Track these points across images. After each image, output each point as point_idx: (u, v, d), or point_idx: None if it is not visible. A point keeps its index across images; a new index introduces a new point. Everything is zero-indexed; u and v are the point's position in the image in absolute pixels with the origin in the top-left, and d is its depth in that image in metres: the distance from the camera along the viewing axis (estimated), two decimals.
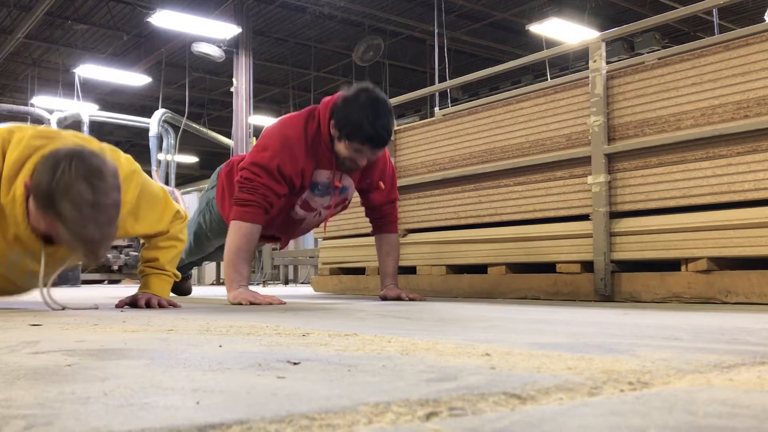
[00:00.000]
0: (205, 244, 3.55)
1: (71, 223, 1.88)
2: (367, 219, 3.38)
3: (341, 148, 2.82)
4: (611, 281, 2.94)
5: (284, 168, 2.83)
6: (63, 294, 4.56)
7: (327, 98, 2.93)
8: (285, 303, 2.73)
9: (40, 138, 2.07)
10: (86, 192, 1.87)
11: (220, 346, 1.10)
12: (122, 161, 2.30)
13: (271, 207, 2.86)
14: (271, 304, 2.65)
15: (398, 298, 3.14)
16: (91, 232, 1.90)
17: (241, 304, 2.65)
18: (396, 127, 4.14)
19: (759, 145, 2.56)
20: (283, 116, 3.07)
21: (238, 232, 2.79)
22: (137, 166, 2.38)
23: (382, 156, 3.12)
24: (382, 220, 3.29)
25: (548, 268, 3.22)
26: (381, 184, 3.19)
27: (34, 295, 2.48)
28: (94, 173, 1.91)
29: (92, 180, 1.90)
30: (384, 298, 3.19)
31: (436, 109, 6.94)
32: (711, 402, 0.61)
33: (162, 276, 2.51)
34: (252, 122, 11.66)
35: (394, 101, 4.22)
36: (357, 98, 2.77)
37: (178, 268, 3.72)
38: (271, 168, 2.81)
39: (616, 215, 3.00)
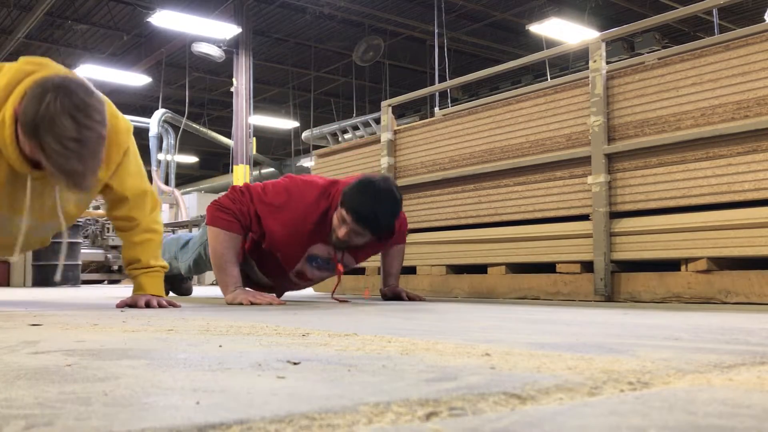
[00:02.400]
0: (204, 268, 3.54)
1: (54, 156, 1.91)
2: None
3: (334, 216, 2.77)
4: (611, 281, 2.95)
5: (266, 220, 2.78)
6: (63, 294, 4.56)
7: (348, 179, 2.87)
8: (285, 303, 2.73)
9: (31, 64, 2.10)
10: (70, 126, 1.90)
11: (220, 346, 1.10)
12: (120, 119, 2.35)
13: (244, 228, 2.81)
14: (270, 304, 2.65)
15: (398, 297, 3.14)
16: (73, 164, 1.93)
17: (241, 304, 2.64)
18: (396, 127, 4.15)
19: (759, 145, 2.56)
20: (307, 177, 2.97)
21: (216, 239, 2.79)
22: (131, 135, 2.43)
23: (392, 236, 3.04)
24: (391, 248, 3.27)
25: (548, 268, 3.22)
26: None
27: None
28: (80, 107, 1.94)
29: (77, 115, 1.92)
30: (384, 296, 3.19)
31: (436, 109, 6.94)
32: (711, 402, 0.61)
33: (150, 273, 2.49)
34: (252, 122, 11.67)
35: (394, 101, 4.22)
36: (371, 181, 2.73)
37: (178, 275, 3.72)
38: (260, 209, 2.78)
39: (616, 215, 3.00)
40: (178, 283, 3.94)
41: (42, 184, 2.22)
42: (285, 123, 17.12)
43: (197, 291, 5.09)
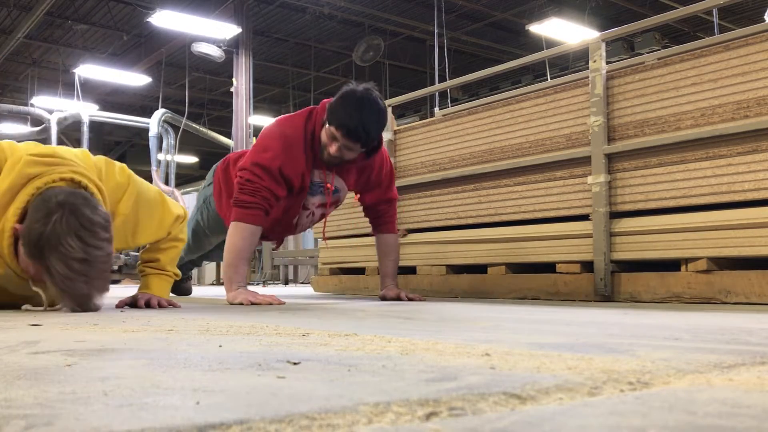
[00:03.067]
0: (203, 241, 3.55)
1: (60, 278, 1.84)
2: (367, 219, 3.38)
3: (322, 133, 2.83)
4: (611, 281, 2.94)
5: (285, 169, 2.83)
6: None
7: (326, 99, 2.94)
8: (284, 303, 2.73)
9: (35, 165, 2.02)
10: (76, 246, 1.84)
11: (220, 346, 1.10)
12: (116, 171, 2.28)
13: (271, 208, 2.87)
14: (271, 304, 2.65)
15: (397, 298, 3.14)
16: (79, 287, 1.87)
17: (242, 304, 2.65)
18: (396, 127, 4.14)
19: (759, 145, 2.56)
20: (282, 116, 3.07)
21: (239, 234, 2.79)
22: (131, 175, 2.35)
23: (379, 156, 3.11)
24: (379, 219, 3.29)
25: (548, 268, 3.22)
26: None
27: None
28: (86, 226, 1.88)
29: (83, 234, 1.86)
30: (383, 299, 3.19)
31: (436, 109, 6.94)
32: (711, 402, 0.61)
33: (162, 276, 2.51)
34: (252, 122, 11.66)
35: (394, 101, 4.22)
36: (353, 91, 2.79)
37: (178, 268, 3.72)
38: (273, 169, 2.81)
39: (616, 215, 3.00)
40: (177, 283, 3.94)
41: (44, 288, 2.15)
42: None
43: (197, 291, 5.09)
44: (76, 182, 2.03)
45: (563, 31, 10.71)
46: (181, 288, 3.96)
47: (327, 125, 2.80)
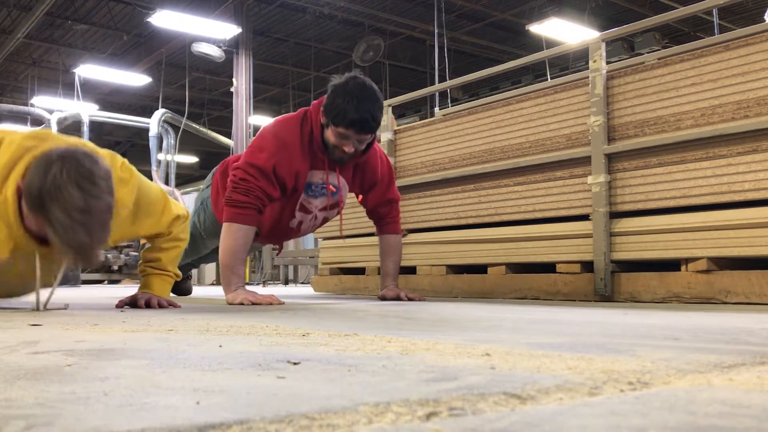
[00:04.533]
0: (200, 244, 3.54)
1: (61, 228, 1.84)
2: (368, 219, 3.38)
3: (329, 135, 2.83)
4: (611, 281, 2.94)
5: (279, 169, 2.83)
6: (63, 294, 4.56)
7: (317, 100, 2.94)
8: (284, 303, 2.73)
9: (32, 139, 2.05)
10: (77, 196, 1.84)
11: (220, 346, 1.10)
12: (118, 166, 2.28)
13: (264, 208, 2.87)
14: (270, 303, 2.65)
15: (397, 298, 3.14)
16: (81, 237, 1.86)
17: (242, 304, 2.65)
18: (396, 127, 4.14)
19: (759, 145, 2.56)
20: (278, 117, 3.07)
21: (232, 235, 2.79)
22: (134, 170, 2.36)
23: (373, 155, 3.10)
24: (382, 220, 3.29)
25: (548, 268, 3.22)
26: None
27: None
28: (86, 176, 1.88)
29: (84, 184, 1.86)
30: (383, 298, 3.19)
31: (436, 109, 6.94)
32: (711, 402, 0.61)
33: (163, 276, 2.51)
34: (252, 122, 11.66)
35: (394, 101, 4.22)
36: (345, 85, 2.78)
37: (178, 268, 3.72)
38: (267, 169, 2.81)
39: (616, 215, 3.00)
40: (177, 283, 3.93)
41: (50, 258, 2.16)
42: None
43: (197, 291, 5.09)
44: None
45: (563, 31, 10.71)
46: (181, 288, 3.95)
47: (333, 127, 2.79)
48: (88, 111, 12.48)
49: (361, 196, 3.28)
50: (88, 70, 12.26)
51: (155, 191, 2.45)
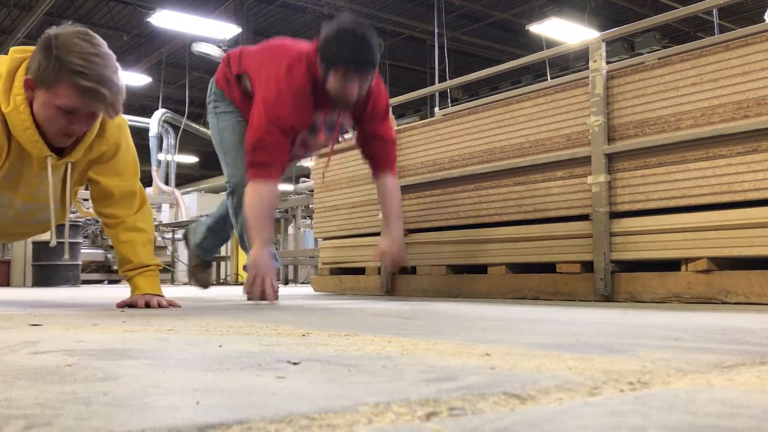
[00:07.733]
0: (237, 151, 3.26)
1: (88, 71, 1.97)
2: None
3: (331, 83, 2.81)
4: (611, 281, 2.94)
5: (298, 126, 2.86)
6: (63, 294, 4.56)
7: (311, 44, 2.91)
8: (278, 299, 2.81)
9: (21, 52, 2.15)
10: (87, 45, 2.00)
11: (220, 346, 1.10)
12: (120, 118, 2.41)
13: (285, 165, 2.92)
14: (273, 304, 2.66)
15: (402, 258, 3.17)
16: (109, 74, 2.01)
17: (253, 286, 2.69)
18: (396, 127, 4.14)
19: (759, 145, 2.56)
20: (282, 58, 2.94)
21: (258, 194, 2.78)
22: (128, 131, 2.51)
23: (376, 86, 3.05)
24: (376, 158, 3.22)
25: (548, 268, 3.22)
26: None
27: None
28: (86, 33, 2.04)
29: (87, 37, 2.03)
30: (383, 254, 3.19)
31: (436, 109, 6.94)
32: (711, 402, 0.61)
33: (146, 273, 2.48)
34: None
35: (394, 101, 4.22)
36: (344, 29, 2.78)
37: (206, 250, 3.67)
38: (287, 128, 2.82)
39: (616, 215, 3.00)
40: (197, 271, 3.78)
41: (40, 168, 2.24)
42: None
43: (197, 291, 5.09)
44: None
45: (563, 31, 10.72)
46: (199, 278, 3.78)
47: (332, 71, 2.77)
48: None
49: (358, 136, 3.22)
50: None
51: (134, 159, 2.54)
